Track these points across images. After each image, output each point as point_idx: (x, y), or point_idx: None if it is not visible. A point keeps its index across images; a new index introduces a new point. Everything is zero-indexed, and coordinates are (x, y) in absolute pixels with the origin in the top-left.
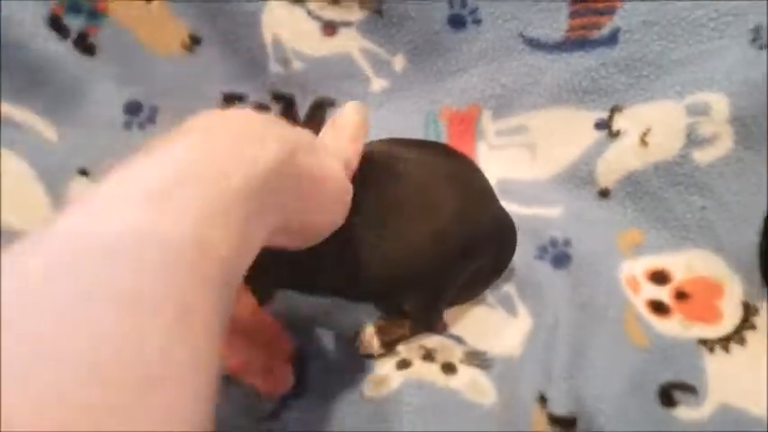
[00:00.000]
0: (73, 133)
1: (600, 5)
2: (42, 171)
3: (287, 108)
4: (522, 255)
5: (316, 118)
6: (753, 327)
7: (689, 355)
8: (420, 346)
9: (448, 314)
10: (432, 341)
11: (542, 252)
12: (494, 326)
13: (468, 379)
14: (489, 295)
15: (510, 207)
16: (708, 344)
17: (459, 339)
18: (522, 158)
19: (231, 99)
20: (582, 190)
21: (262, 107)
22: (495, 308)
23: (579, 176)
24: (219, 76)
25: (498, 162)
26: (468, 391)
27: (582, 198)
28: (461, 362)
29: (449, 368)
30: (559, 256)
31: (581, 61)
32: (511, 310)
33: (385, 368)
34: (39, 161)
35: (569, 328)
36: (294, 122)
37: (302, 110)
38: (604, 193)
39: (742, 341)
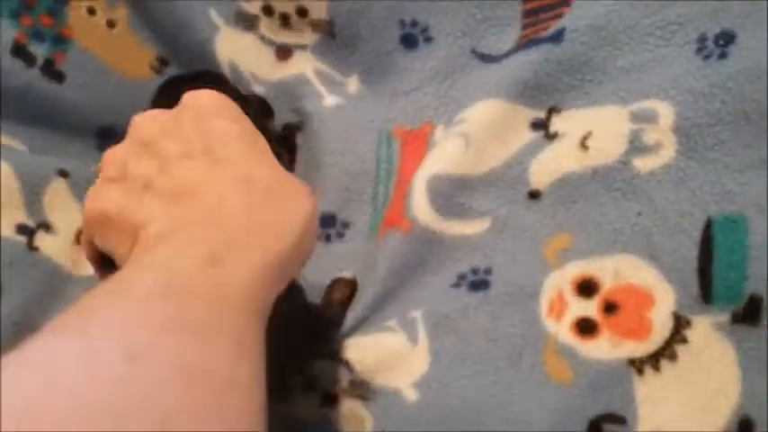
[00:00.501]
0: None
1: (550, 14)
2: (18, 167)
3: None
4: (438, 282)
5: (287, 142)
6: (684, 340)
7: (617, 382)
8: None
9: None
10: (318, 366)
11: (461, 280)
12: (390, 354)
13: (347, 410)
14: (394, 322)
15: (435, 223)
16: (636, 364)
17: (347, 365)
18: (457, 149)
19: None
20: (512, 190)
21: None
22: (397, 333)
23: (511, 176)
24: None
25: (433, 155)
26: (346, 423)
27: (511, 200)
28: (344, 392)
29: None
30: (477, 283)
31: (525, 57)
32: (413, 337)
33: None
34: (15, 159)
35: (480, 367)
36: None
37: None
38: (535, 195)
39: (672, 356)
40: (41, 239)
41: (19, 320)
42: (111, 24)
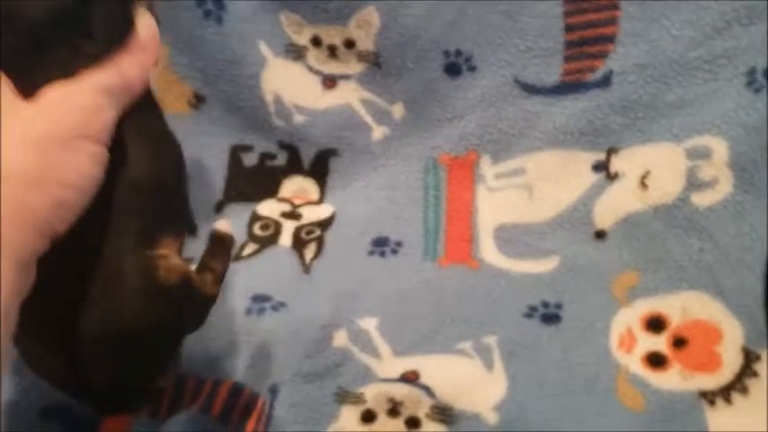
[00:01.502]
0: None
1: (593, 50)
2: None
3: (292, 156)
4: (510, 312)
5: (319, 168)
6: (755, 374)
7: (689, 412)
8: (388, 398)
9: (422, 361)
10: (401, 392)
11: (532, 311)
12: (467, 379)
13: None
14: (468, 345)
15: (504, 263)
16: (708, 396)
17: (428, 390)
18: (520, 199)
19: (239, 150)
20: (578, 231)
21: (269, 156)
22: (473, 358)
23: (576, 218)
24: (226, 130)
25: (496, 205)
26: None
27: (578, 240)
28: (427, 416)
29: (413, 423)
30: (550, 316)
31: (576, 103)
32: (488, 363)
33: (350, 421)
34: None
35: (556, 391)
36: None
37: (307, 159)
38: (600, 235)
39: (744, 390)
40: None
41: None
42: None
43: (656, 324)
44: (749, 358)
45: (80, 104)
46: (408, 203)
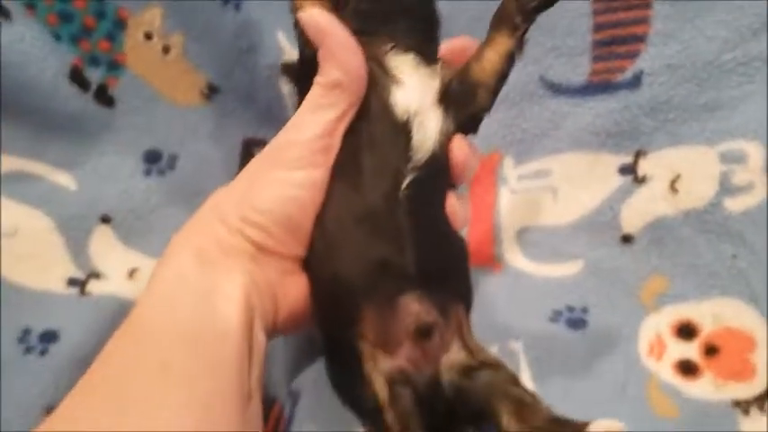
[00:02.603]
0: (93, 182)
1: (623, 49)
2: (62, 222)
3: None
4: (535, 316)
5: None
6: None
7: (723, 421)
8: None
9: None
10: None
11: (557, 315)
12: None
13: None
14: (495, 349)
15: (527, 266)
16: (742, 405)
17: None
18: (545, 202)
19: (252, 144)
20: (604, 235)
21: None
22: None
23: (602, 221)
24: (239, 123)
25: (520, 208)
26: None
27: (604, 244)
28: None
29: None
30: (575, 320)
31: (603, 104)
32: (514, 368)
33: None
34: (58, 212)
35: (584, 398)
36: None
37: None
38: (627, 239)
39: None
40: (93, 286)
41: (82, 357)
42: (166, 50)
43: (686, 331)
44: None
45: None
46: None
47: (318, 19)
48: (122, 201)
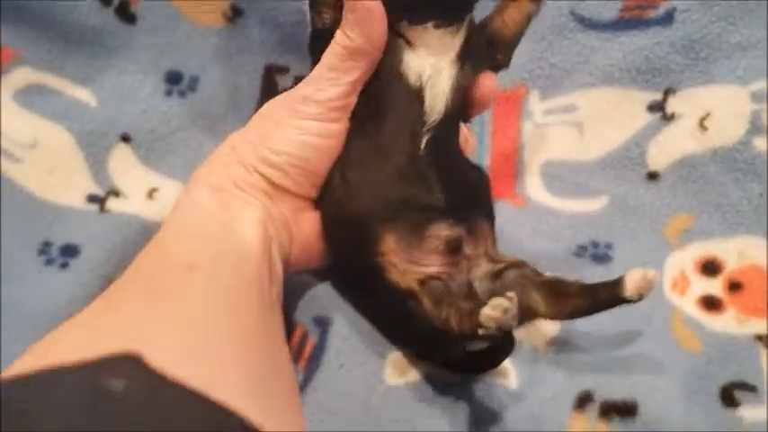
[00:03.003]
0: (112, 99)
1: None
2: (82, 137)
3: None
4: (560, 250)
5: None
6: None
7: (746, 354)
8: None
9: None
10: None
11: (582, 250)
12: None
13: None
14: None
15: (551, 201)
16: (764, 339)
17: None
18: (570, 137)
19: (273, 70)
20: (630, 171)
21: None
22: None
23: (628, 157)
24: (261, 48)
25: (544, 142)
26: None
27: (629, 181)
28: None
29: None
30: (600, 255)
31: (635, 40)
32: None
33: None
34: (78, 127)
35: (610, 329)
36: None
37: None
38: (653, 176)
39: None
40: (112, 204)
41: (103, 273)
42: None
43: (710, 268)
44: None
45: None
46: None
47: None
48: (142, 120)
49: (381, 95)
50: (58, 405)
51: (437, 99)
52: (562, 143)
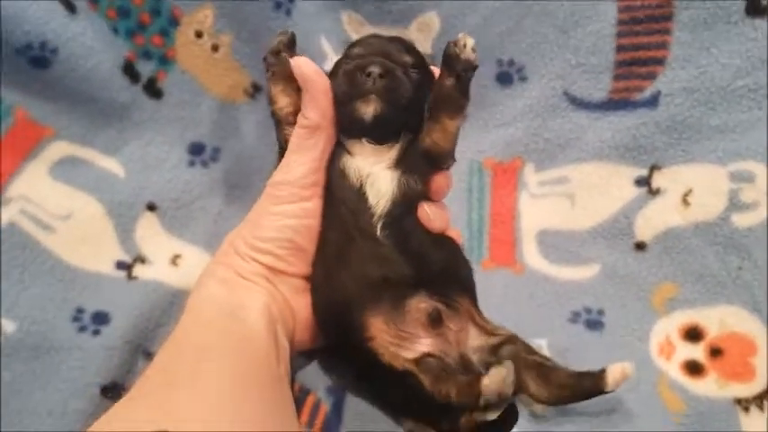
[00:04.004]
0: (139, 170)
1: (643, 71)
2: (112, 207)
3: None
4: (556, 316)
5: None
6: None
7: (726, 417)
8: None
9: None
10: None
11: (576, 316)
12: None
13: None
14: None
15: (547, 268)
16: (743, 403)
17: None
18: (563, 207)
19: None
20: (619, 241)
21: None
22: None
23: (618, 228)
24: None
25: (539, 211)
26: None
27: (618, 250)
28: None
29: None
30: (593, 322)
31: (623, 120)
32: None
33: None
34: (108, 198)
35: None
36: None
37: None
38: (641, 246)
39: None
40: (139, 270)
41: (131, 340)
42: (215, 48)
43: (693, 334)
44: None
45: None
46: (453, 205)
47: (304, 67)
48: (167, 190)
49: (335, 191)
50: None
51: (380, 194)
52: (555, 213)
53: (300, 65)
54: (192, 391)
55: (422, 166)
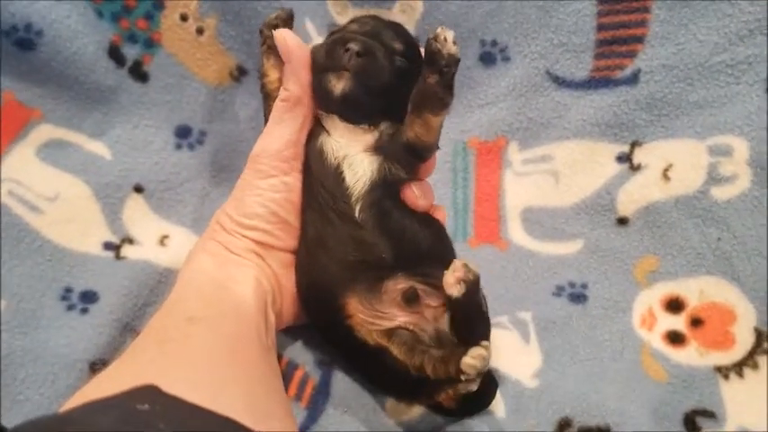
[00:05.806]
0: (126, 152)
1: (623, 49)
2: (98, 189)
3: None
4: (540, 290)
5: None
6: (765, 351)
7: (706, 384)
8: None
9: None
10: None
11: (560, 290)
12: (507, 347)
13: None
14: (505, 318)
15: (531, 244)
16: (722, 370)
17: None
18: (547, 185)
19: None
20: (602, 217)
21: None
22: (511, 330)
23: (600, 204)
24: None
25: (523, 189)
26: None
27: (601, 225)
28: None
29: None
30: (576, 295)
31: (604, 98)
32: (525, 336)
33: None
34: (95, 180)
35: (586, 361)
36: None
37: None
38: (623, 221)
39: (755, 366)
40: (127, 250)
41: (119, 318)
42: (200, 31)
43: (674, 305)
44: (760, 338)
45: None
46: (438, 185)
47: (288, 39)
48: (154, 172)
49: (313, 170)
50: (104, 423)
51: (357, 176)
52: (539, 190)
53: (284, 36)
54: (181, 353)
55: (405, 156)
